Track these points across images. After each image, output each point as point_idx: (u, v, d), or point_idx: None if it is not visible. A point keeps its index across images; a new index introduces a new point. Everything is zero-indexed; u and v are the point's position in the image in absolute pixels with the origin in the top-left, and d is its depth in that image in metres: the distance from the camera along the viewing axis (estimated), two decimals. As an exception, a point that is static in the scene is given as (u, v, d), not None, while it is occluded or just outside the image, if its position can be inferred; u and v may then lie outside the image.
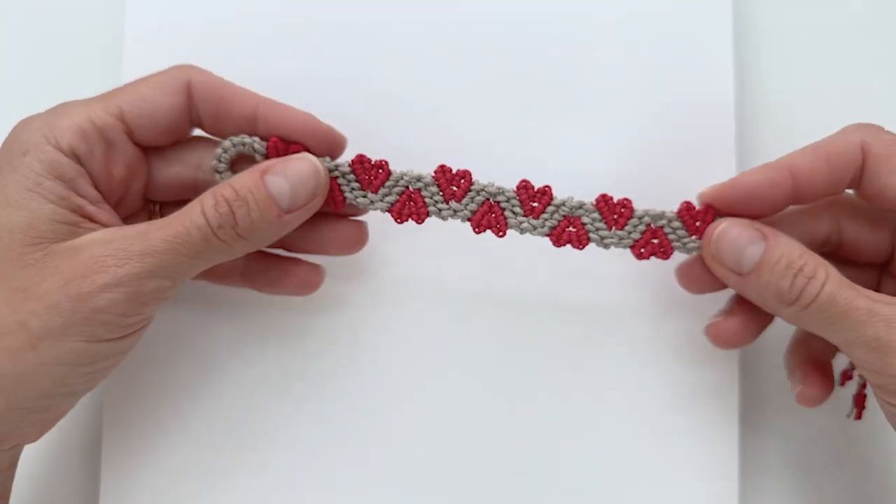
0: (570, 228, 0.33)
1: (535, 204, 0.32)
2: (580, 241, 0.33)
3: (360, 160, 0.32)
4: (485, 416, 0.37)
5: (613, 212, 0.32)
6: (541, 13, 0.37)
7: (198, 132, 0.33)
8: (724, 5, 0.37)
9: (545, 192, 0.32)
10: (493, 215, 0.33)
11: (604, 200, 0.33)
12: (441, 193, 0.32)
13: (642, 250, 0.33)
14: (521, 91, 0.37)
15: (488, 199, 0.32)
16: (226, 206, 0.29)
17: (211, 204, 0.29)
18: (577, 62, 0.37)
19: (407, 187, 0.32)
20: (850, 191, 0.33)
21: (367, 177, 0.32)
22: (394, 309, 0.37)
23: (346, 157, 0.33)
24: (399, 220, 0.32)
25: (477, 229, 0.33)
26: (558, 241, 0.33)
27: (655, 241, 0.33)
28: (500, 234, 0.33)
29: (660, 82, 0.37)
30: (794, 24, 0.39)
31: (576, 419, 0.37)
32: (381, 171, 0.32)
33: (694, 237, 0.32)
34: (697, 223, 0.32)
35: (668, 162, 0.36)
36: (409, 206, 0.32)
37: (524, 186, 0.32)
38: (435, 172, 0.32)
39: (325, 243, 0.34)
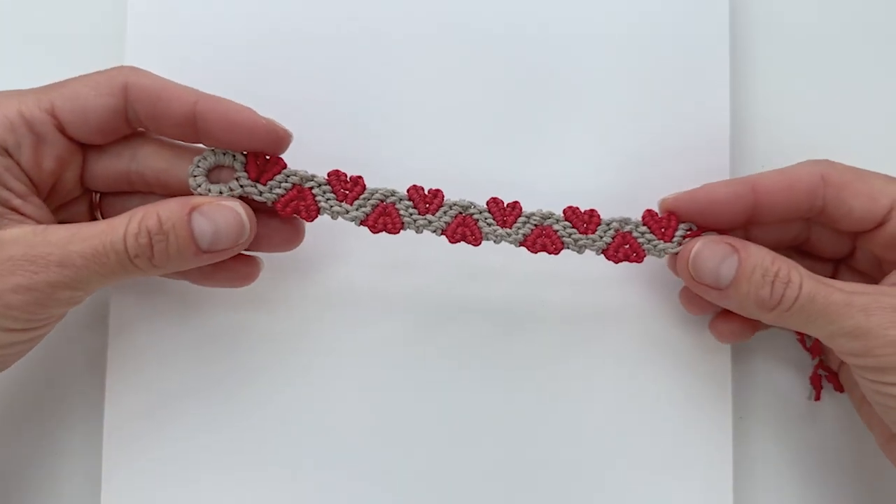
0: (544, 236, 0.33)
1: (507, 218, 0.33)
2: (555, 246, 0.33)
3: (336, 174, 0.33)
4: (472, 413, 0.37)
5: (582, 220, 0.33)
6: (536, 22, 0.37)
7: None
8: (720, 14, 0.37)
9: (515, 206, 0.33)
10: (467, 227, 0.33)
11: (571, 210, 0.34)
12: (415, 207, 0.33)
13: (616, 253, 0.34)
14: (516, 99, 0.37)
15: (461, 213, 0.33)
16: (146, 238, 0.29)
17: (133, 232, 0.29)
18: (572, 72, 0.37)
19: (382, 201, 0.33)
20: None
21: (342, 189, 0.33)
22: (365, 317, 0.37)
23: (323, 174, 0.33)
24: (374, 230, 0.33)
25: (452, 240, 0.33)
26: (533, 247, 0.33)
27: (627, 245, 0.33)
28: (476, 243, 0.33)
29: (655, 92, 0.37)
30: (790, 34, 0.39)
31: (567, 418, 0.37)
32: (356, 185, 0.33)
33: (662, 241, 0.33)
34: (663, 229, 0.33)
35: (661, 172, 0.36)
36: (384, 219, 0.33)
37: (494, 201, 0.33)
38: (408, 190, 0.33)
39: (257, 240, 0.33)
